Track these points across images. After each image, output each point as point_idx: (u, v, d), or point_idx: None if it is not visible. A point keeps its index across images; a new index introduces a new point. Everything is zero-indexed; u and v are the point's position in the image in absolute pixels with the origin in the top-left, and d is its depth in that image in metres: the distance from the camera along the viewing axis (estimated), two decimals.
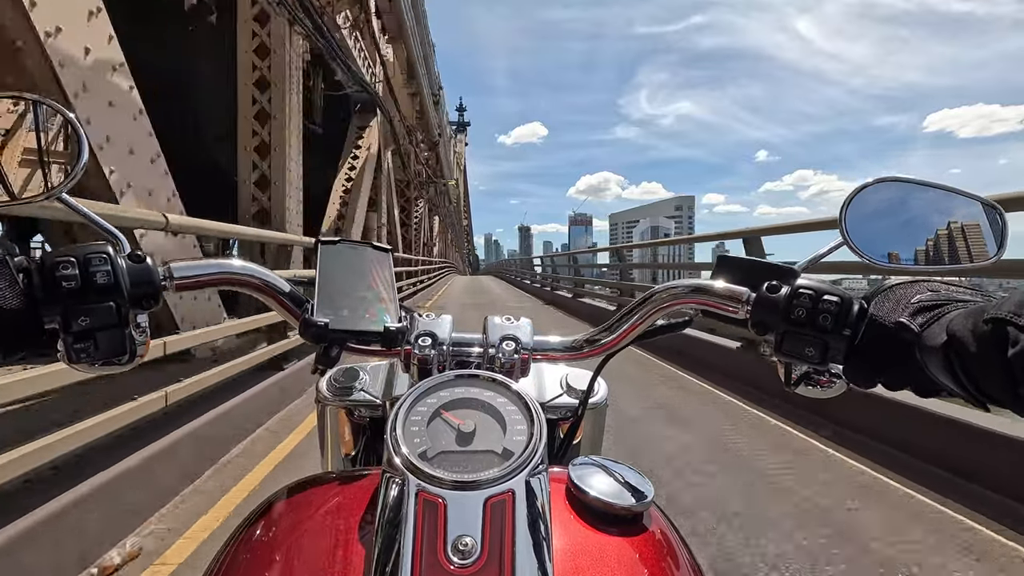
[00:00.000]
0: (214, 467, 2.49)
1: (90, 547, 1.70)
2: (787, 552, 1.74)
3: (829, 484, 2.26)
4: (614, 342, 0.56)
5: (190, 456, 2.37)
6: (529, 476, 0.37)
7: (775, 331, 0.44)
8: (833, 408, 2.90)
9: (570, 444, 0.62)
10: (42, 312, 0.40)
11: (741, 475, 2.38)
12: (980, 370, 0.32)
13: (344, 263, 0.56)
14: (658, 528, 0.42)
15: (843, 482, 2.28)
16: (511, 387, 0.44)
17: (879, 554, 1.73)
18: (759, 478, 2.34)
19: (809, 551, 1.74)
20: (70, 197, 0.47)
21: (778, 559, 1.70)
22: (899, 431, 2.57)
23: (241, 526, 0.44)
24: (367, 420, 0.64)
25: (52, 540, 1.58)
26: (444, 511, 0.34)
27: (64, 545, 1.62)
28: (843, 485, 2.25)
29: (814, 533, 1.85)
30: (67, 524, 1.64)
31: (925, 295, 0.38)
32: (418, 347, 0.52)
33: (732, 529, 1.88)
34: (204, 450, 2.50)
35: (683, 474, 2.37)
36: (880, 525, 1.91)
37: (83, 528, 1.69)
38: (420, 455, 0.37)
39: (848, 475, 2.36)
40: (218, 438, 2.64)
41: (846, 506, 2.06)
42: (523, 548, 0.33)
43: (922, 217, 0.48)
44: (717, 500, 2.11)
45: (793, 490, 2.20)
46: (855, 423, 2.81)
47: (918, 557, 1.71)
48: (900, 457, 2.47)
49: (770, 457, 2.58)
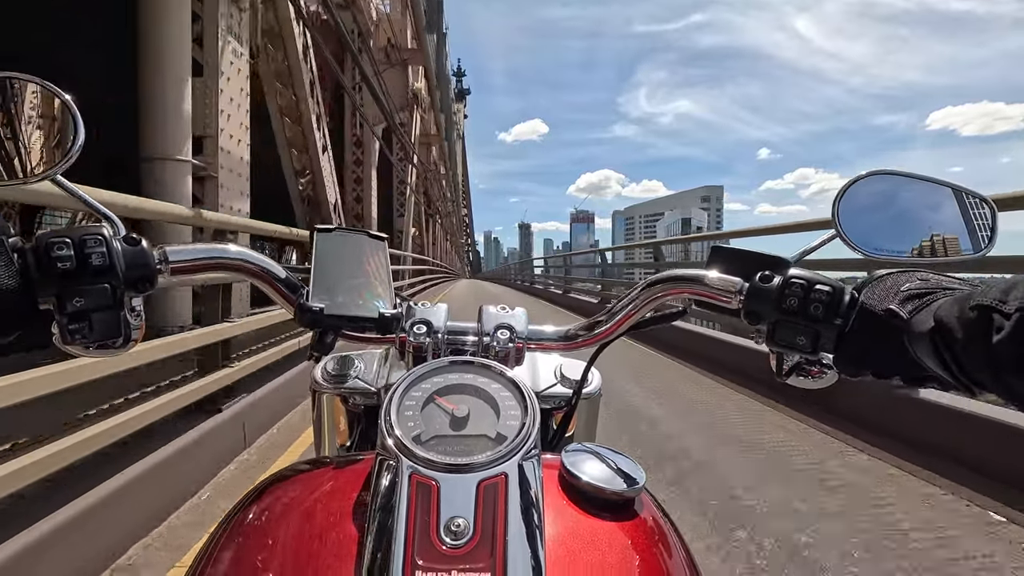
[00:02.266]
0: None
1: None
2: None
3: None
4: (608, 332, 0.56)
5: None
6: (522, 460, 0.37)
7: (767, 320, 0.44)
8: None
9: (564, 434, 0.62)
10: (37, 293, 0.40)
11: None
12: (966, 356, 0.32)
13: (340, 250, 0.56)
14: (649, 514, 0.42)
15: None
16: (505, 373, 0.44)
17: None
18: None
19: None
20: (65, 179, 0.47)
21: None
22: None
23: (233, 510, 0.44)
24: (362, 408, 0.64)
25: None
26: (437, 493, 0.34)
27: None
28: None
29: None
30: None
31: (915, 283, 0.39)
32: (413, 334, 0.52)
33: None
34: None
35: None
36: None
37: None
38: (414, 439, 0.38)
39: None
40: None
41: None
42: (515, 530, 0.33)
43: (914, 210, 0.48)
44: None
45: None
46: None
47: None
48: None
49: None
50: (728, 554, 1.72)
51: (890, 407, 2.72)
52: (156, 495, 1.90)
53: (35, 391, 1.48)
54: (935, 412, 2.49)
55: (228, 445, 2.49)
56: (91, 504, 1.60)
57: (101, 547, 1.63)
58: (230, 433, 2.51)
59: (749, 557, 1.70)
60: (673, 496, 2.12)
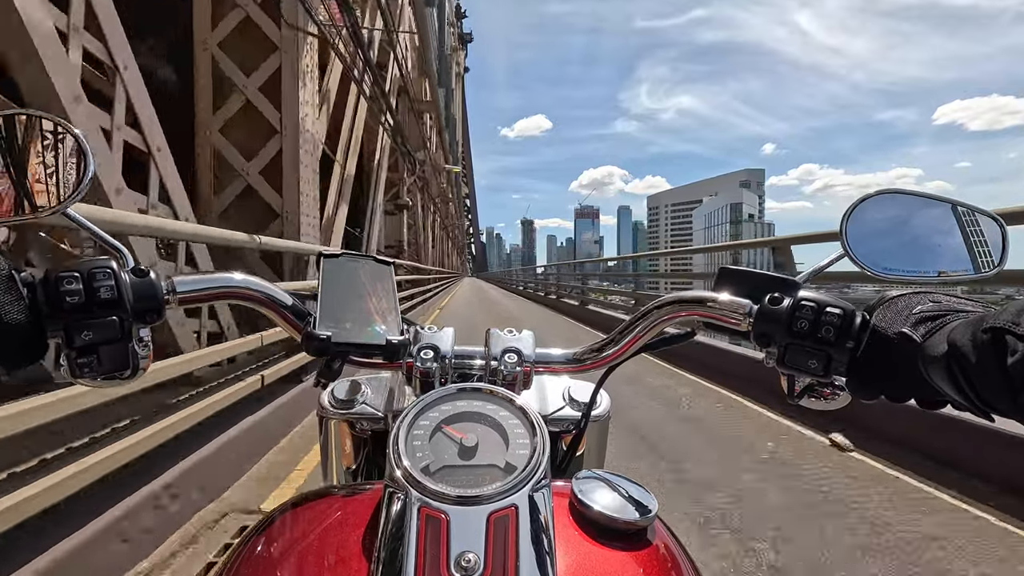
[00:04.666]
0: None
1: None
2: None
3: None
4: (617, 354, 0.56)
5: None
6: (532, 491, 0.36)
7: (778, 344, 0.44)
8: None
9: (572, 457, 0.61)
10: (46, 326, 0.40)
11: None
12: (980, 379, 0.32)
13: (346, 276, 0.56)
14: (662, 542, 0.41)
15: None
16: (513, 400, 0.44)
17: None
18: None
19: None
20: (74, 212, 0.47)
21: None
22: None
23: (243, 540, 0.43)
24: (369, 433, 0.63)
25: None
26: (447, 527, 0.34)
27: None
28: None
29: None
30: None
31: (927, 305, 0.38)
32: (420, 360, 0.52)
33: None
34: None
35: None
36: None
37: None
38: (422, 470, 0.37)
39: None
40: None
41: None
42: (527, 564, 0.33)
43: (923, 229, 0.48)
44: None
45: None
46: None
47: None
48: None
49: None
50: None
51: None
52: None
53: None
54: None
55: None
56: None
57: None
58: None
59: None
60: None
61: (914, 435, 2.63)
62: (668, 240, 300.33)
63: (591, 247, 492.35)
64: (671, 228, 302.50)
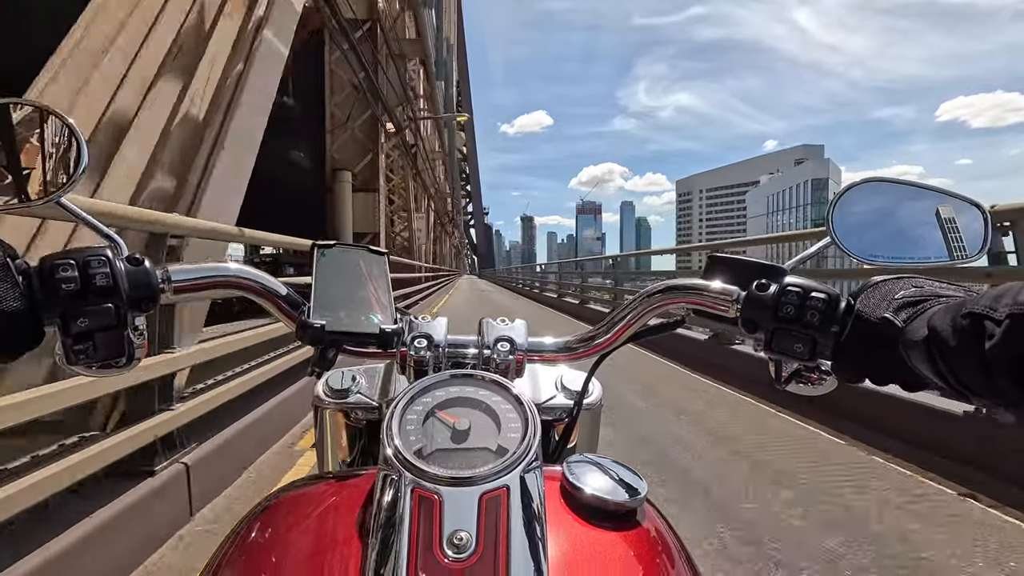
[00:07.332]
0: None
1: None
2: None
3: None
4: (608, 342, 0.56)
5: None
6: (524, 472, 0.37)
7: (764, 329, 0.44)
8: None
9: (565, 445, 0.62)
10: (42, 314, 0.41)
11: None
12: (959, 363, 0.32)
13: (340, 266, 0.56)
14: (652, 524, 0.42)
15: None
16: (505, 386, 0.44)
17: None
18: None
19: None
20: (68, 201, 0.47)
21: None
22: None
23: (238, 526, 0.44)
24: (364, 423, 0.64)
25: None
26: (440, 507, 0.34)
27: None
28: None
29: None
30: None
31: (909, 291, 0.39)
32: (414, 349, 0.52)
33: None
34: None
35: None
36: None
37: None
38: (415, 452, 0.38)
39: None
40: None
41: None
42: (518, 542, 0.33)
43: (908, 216, 0.48)
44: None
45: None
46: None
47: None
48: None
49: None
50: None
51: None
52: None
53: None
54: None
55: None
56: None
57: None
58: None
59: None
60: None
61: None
62: (703, 231, 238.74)
63: (593, 244, 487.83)
64: (707, 216, 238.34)
